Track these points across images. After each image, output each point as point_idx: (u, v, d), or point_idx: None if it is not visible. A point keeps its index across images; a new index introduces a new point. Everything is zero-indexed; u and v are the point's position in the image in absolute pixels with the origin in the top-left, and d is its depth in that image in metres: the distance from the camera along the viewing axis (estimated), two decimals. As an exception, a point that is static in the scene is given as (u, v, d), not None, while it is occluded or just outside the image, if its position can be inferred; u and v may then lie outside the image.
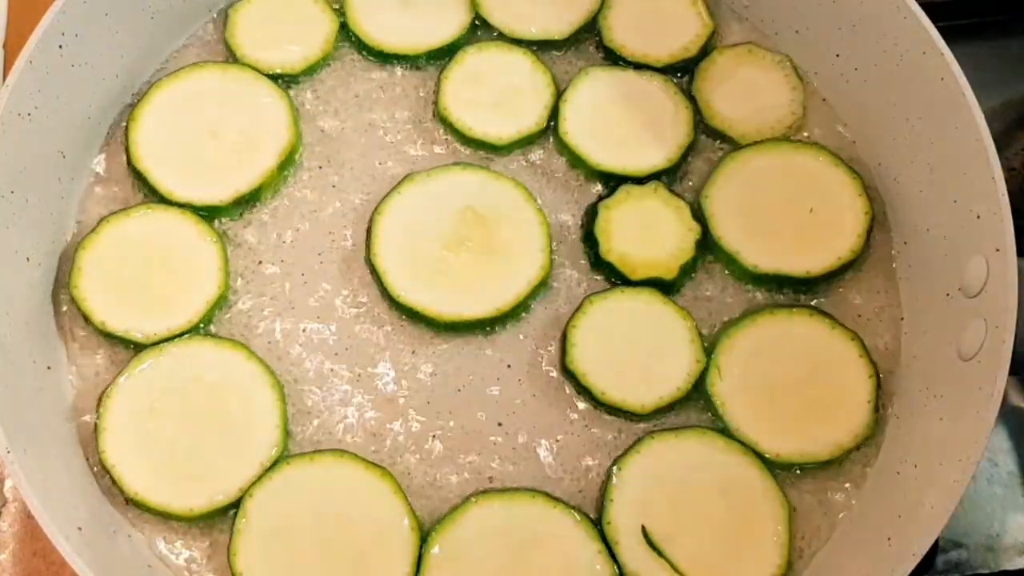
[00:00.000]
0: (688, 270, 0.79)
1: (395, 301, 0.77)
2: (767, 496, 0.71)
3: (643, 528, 0.70)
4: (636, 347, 0.75)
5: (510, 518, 0.70)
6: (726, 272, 0.80)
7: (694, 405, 0.76)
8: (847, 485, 0.74)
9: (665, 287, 0.78)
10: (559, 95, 0.84)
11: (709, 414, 0.75)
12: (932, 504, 0.64)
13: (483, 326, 0.77)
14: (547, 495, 0.71)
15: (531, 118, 0.84)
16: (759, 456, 0.72)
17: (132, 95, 0.85)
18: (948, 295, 0.73)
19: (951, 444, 0.66)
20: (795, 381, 0.75)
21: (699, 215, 0.80)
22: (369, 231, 0.79)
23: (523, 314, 0.78)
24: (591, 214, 0.80)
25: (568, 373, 0.75)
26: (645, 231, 0.79)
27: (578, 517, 0.70)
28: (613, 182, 0.81)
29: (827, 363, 0.75)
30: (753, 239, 0.79)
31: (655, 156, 0.82)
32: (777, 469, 0.73)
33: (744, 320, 0.76)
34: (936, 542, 0.64)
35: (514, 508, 0.70)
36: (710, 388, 0.75)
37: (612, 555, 0.69)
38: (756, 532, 0.71)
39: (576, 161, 0.83)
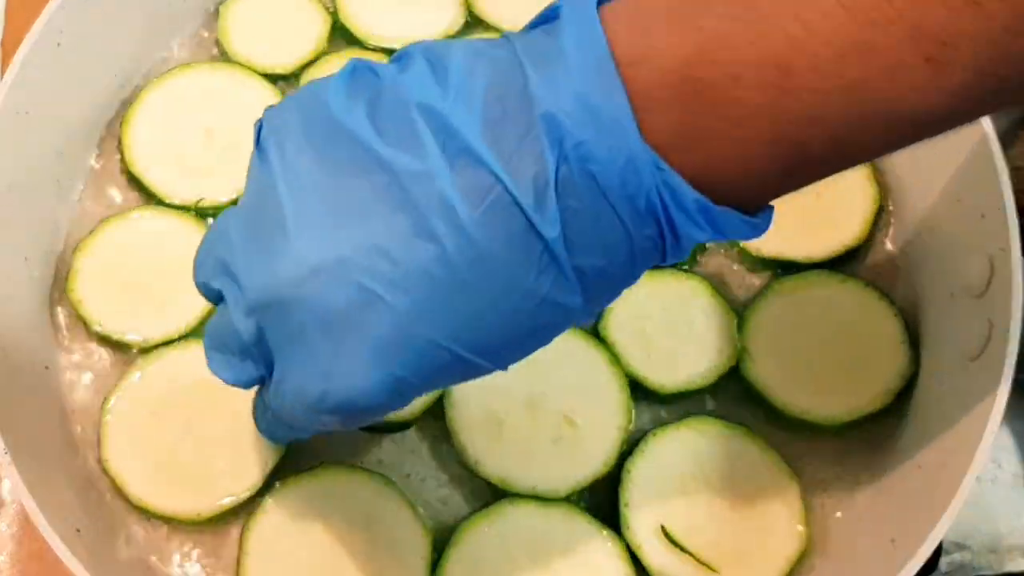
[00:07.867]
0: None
1: None
2: (775, 473, 0.71)
3: (662, 528, 0.69)
4: (669, 329, 0.75)
5: (529, 526, 0.69)
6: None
7: (702, 396, 0.75)
8: (849, 486, 0.74)
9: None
10: None
11: (749, 403, 0.75)
12: (935, 505, 0.64)
13: None
14: (567, 503, 0.70)
15: None
16: (804, 423, 0.72)
17: (128, 94, 0.84)
18: (951, 294, 0.73)
19: (954, 444, 0.66)
20: (823, 343, 0.75)
21: None
22: None
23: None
24: None
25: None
26: None
27: (604, 530, 0.69)
28: None
29: (849, 319, 0.75)
30: None
31: None
32: (831, 436, 0.73)
33: (758, 301, 0.76)
34: (939, 543, 0.63)
35: (533, 516, 0.69)
36: (747, 375, 0.74)
37: (635, 560, 0.68)
38: (771, 509, 0.71)
39: None
